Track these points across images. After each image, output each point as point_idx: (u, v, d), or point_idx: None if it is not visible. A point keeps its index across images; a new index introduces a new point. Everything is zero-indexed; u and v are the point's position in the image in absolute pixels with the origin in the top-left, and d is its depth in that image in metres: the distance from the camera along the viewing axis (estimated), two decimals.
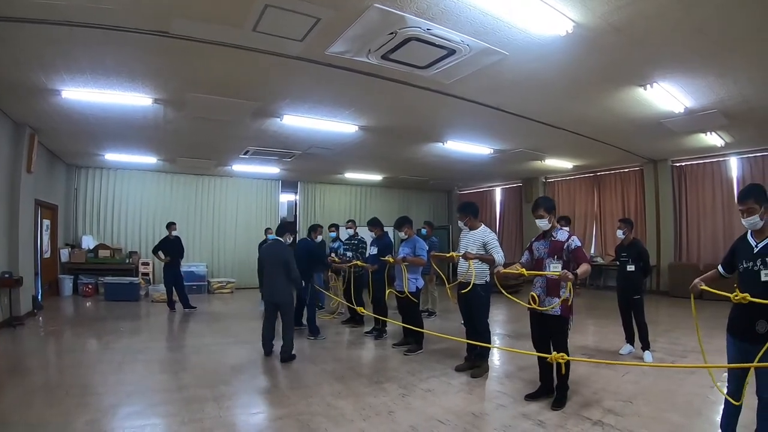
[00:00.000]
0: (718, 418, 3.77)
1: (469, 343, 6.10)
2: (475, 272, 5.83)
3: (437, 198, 21.56)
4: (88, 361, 6.60)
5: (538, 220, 4.96)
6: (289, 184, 17.80)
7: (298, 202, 18.09)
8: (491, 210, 19.74)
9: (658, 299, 12.40)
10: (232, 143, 11.33)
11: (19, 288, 8.84)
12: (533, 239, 5.19)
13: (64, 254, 13.21)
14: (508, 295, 5.01)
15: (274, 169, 15.25)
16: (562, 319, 4.83)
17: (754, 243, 3.48)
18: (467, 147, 11.93)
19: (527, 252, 5.18)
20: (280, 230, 7.17)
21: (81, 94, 7.43)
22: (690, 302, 3.82)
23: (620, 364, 6.22)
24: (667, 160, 13.59)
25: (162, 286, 11.79)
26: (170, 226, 11.36)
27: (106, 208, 14.66)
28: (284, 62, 6.25)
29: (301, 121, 9.14)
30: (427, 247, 7.84)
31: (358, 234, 9.66)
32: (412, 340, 7.31)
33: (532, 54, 5.97)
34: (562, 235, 4.88)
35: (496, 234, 6.15)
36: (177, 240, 11.36)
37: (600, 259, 15.06)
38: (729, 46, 5.84)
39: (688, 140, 10.92)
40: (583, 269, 4.57)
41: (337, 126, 9.56)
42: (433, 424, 4.41)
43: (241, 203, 16.77)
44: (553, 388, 4.99)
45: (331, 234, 11.40)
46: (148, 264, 14.31)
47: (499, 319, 10.09)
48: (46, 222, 12.02)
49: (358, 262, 8.67)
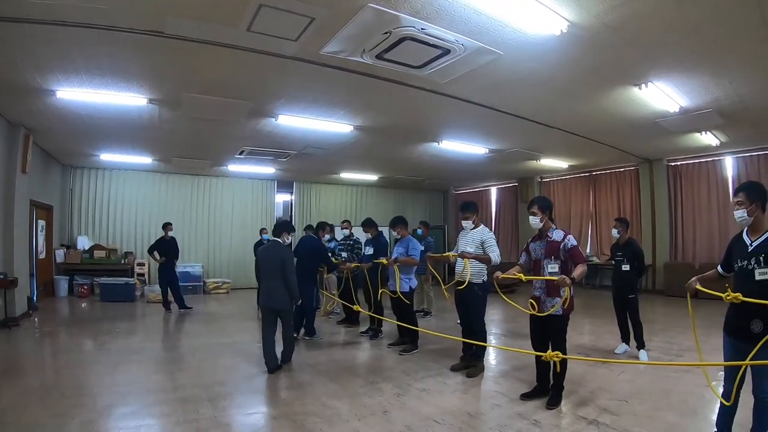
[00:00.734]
0: (714, 417, 3.78)
1: (465, 343, 6.09)
2: (472, 271, 5.82)
3: (433, 198, 21.57)
4: (84, 361, 6.59)
5: (531, 216, 5.01)
6: (285, 184, 17.78)
7: (294, 202, 18.06)
8: (487, 210, 19.75)
9: (654, 298, 12.44)
10: (227, 143, 11.31)
11: (14, 289, 8.82)
12: (530, 240, 5.22)
13: (60, 255, 13.18)
14: (506, 299, 5.00)
15: (269, 169, 15.24)
16: (563, 319, 4.86)
17: (748, 242, 3.49)
18: (462, 147, 11.92)
19: (524, 253, 5.21)
20: (278, 230, 6.69)
21: (76, 94, 7.41)
22: (686, 301, 3.83)
23: (615, 363, 6.24)
24: (662, 160, 13.63)
25: (157, 287, 11.74)
26: (166, 226, 11.33)
27: (101, 208, 14.63)
28: (279, 62, 6.24)
29: (296, 121, 9.13)
30: (422, 247, 7.84)
31: (354, 234, 9.65)
32: (408, 340, 7.32)
33: (526, 53, 5.97)
34: (557, 235, 4.90)
35: (494, 234, 6.15)
36: (172, 241, 11.34)
37: (596, 259, 15.11)
38: (724, 46, 5.85)
39: (684, 140, 10.94)
40: (579, 271, 4.60)
41: (332, 126, 9.55)
42: (428, 424, 4.41)
43: (237, 203, 16.75)
44: (549, 388, 5.00)
45: (326, 235, 11.37)
46: (144, 264, 14.27)
47: (496, 319, 10.08)
48: (42, 222, 11.97)
49: (353, 264, 8.65)
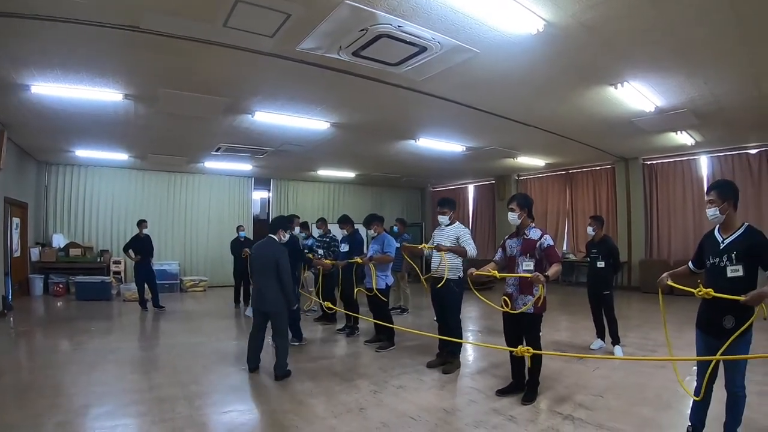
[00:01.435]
0: (688, 411, 3.83)
1: (441, 339, 6.13)
2: (449, 266, 5.84)
3: (410, 195, 21.63)
4: (60, 361, 6.51)
5: (510, 212, 5.05)
6: (262, 181, 17.71)
7: (271, 200, 18.00)
8: (464, 207, 19.83)
9: (630, 295, 12.62)
10: (204, 140, 11.20)
11: None
12: (506, 237, 5.27)
13: (35, 253, 12.96)
14: (480, 297, 5.02)
15: (246, 166, 15.11)
16: (536, 317, 4.91)
17: (720, 239, 3.57)
18: (440, 144, 11.95)
19: (500, 250, 5.26)
20: (274, 227, 6.21)
21: (51, 90, 7.28)
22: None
23: (591, 358, 6.32)
24: (638, 159, 13.80)
25: (134, 285, 11.61)
26: (141, 224, 11.20)
27: (77, 205, 14.42)
28: (256, 58, 6.19)
29: (273, 118, 9.08)
30: (397, 245, 7.86)
31: (330, 231, 9.63)
32: (384, 337, 7.34)
33: (503, 52, 5.99)
34: (534, 234, 4.95)
35: (469, 231, 6.19)
36: (147, 238, 11.22)
37: (572, 256, 15.26)
38: (699, 47, 5.92)
39: (659, 139, 11.08)
40: (553, 270, 4.64)
41: (309, 123, 9.51)
42: (404, 421, 4.43)
43: (214, 200, 16.63)
44: (525, 384, 5.04)
45: (301, 233, 11.34)
46: (120, 262, 14.10)
47: (472, 316, 10.15)
48: (16, 220, 11.76)
49: (327, 261, 8.57)
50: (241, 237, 12.11)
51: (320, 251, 9.22)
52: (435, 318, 6.71)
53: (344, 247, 8.38)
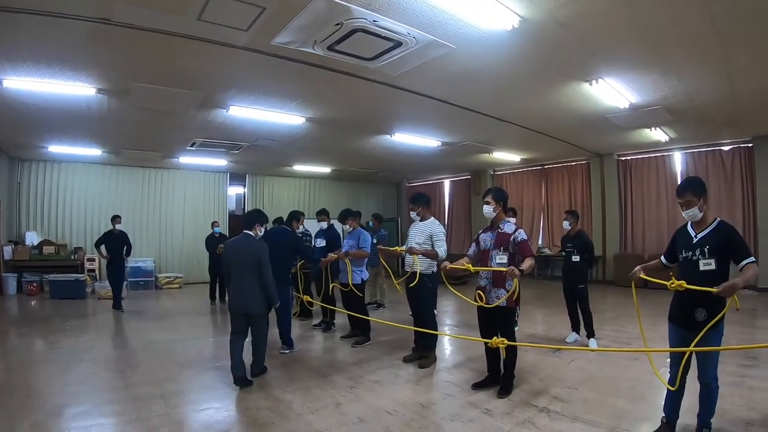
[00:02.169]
0: (662, 402, 3.89)
1: (417, 332, 6.16)
2: (422, 263, 5.88)
3: (386, 190, 21.70)
4: (34, 361, 6.43)
5: (485, 205, 5.08)
6: (237, 177, 17.60)
7: (247, 195, 17.91)
8: (440, 202, 19.95)
9: (604, 288, 12.77)
10: (178, 135, 11.07)
11: None
12: (480, 231, 5.29)
13: (7, 251, 12.70)
14: (454, 291, 5.04)
15: (221, 162, 15.01)
16: (509, 311, 4.95)
17: (693, 234, 3.62)
18: (415, 139, 11.96)
19: (474, 243, 5.27)
20: (249, 221, 5.68)
21: (22, 84, 7.13)
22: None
23: (564, 349, 6.39)
24: (612, 154, 14.00)
25: (108, 283, 11.41)
26: (115, 219, 10.88)
27: (50, 202, 14.17)
28: (230, 52, 6.12)
29: (247, 113, 9.01)
30: (373, 240, 7.86)
31: (303, 226, 9.58)
32: (360, 332, 7.35)
33: (478, 47, 6.01)
34: (509, 228, 4.99)
35: (445, 226, 6.21)
36: (122, 235, 10.87)
37: (547, 250, 15.43)
38: (673, 44, 6.00)
39: (633, 135, 11.24)
40: (527, 264, 4.67)
41: (284, 117, 9.47)
42: (380, 416, 4.45)
43: (189, 196, 16.47)
44: (500, 377, 5.08)
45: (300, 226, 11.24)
46: (94, 260, 13.85)
47: (448, 310, 10.21)
48: None
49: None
50: (216, 233, 12.06)
51: None
52: (410, 313, 6.73)
53: (320, 242, 8.36)
